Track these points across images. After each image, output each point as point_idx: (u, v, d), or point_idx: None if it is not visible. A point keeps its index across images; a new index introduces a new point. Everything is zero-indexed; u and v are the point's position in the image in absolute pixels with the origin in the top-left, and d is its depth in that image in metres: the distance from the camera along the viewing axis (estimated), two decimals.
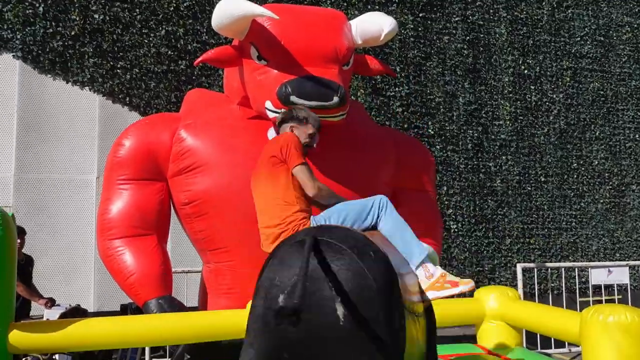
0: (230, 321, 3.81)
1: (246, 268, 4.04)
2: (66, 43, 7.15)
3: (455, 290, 2.68)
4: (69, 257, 7.06)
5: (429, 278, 2.75)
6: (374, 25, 3.86)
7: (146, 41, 7.39)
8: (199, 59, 3.90)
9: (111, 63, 7.26)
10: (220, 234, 4.04)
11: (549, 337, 5.75)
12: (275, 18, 3.55)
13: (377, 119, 8.26)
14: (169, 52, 7.45)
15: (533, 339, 6.34)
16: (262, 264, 4.38)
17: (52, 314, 5.40)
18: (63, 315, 5.36)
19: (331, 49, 3.85)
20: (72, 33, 7.16)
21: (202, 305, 4.40)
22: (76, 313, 5.60)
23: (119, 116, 7.28)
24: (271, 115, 3.80)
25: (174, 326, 3.66)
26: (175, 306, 3.97)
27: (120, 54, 7.30)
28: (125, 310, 6.58)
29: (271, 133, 4.17)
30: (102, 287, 7.08)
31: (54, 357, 6.01)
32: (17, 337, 3.31)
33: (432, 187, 4.82)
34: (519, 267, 6.52)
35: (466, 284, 2.72)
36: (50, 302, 5.60)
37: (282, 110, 3.70)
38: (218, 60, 3.95)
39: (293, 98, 3.59)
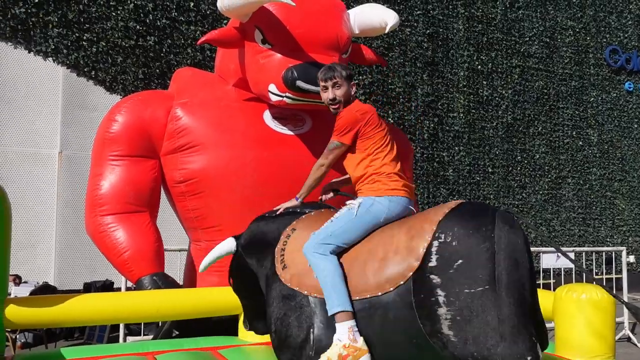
0: (226, 298, 3.92)
1: None
2: (29, 10, 6.83)
3: None
4: (30, 234, 6.83)
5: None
6: (376, 17, 4.02)
7: (114, 14, 7.19)
8: (203, 38, 3.91)
9: (77, 34, 7.01)
10: (215, 212, 4.11)
11: None
12: (292, 4, 3.61)
13: None
14: (137, 26, 7.28)
15: None
16: None
17: (21, 291, 5.27)
18: (33, 293, 5.24)
19: (333, 37, 3.98)
20: (36, 0, 6.85)
21: (189, 283, 4.45)
22: (46, 290, 5.49)
23: (84, 90, 7.07)
24: (274, 98, 3.89)
25: (171, 302, 3.73)
26: (169, 283, 4.01)
27: (87, 25, 7.06)
28: (89, 288, 6.49)
29: (267, 115, 4.27)
30: (63, 264, 6.91)
31: (14, 336, 5.87)
32: (14, 312, 3.28)
33: (411, 173, 5.08)
34: None
35: None
36: (18, 279, 5.45)
37: (287, 94, 3.80)
38: (221, 41, 3.98)
39: (299, 83, 3.70)
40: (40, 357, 3.37)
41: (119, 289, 6.13)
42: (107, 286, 6.57)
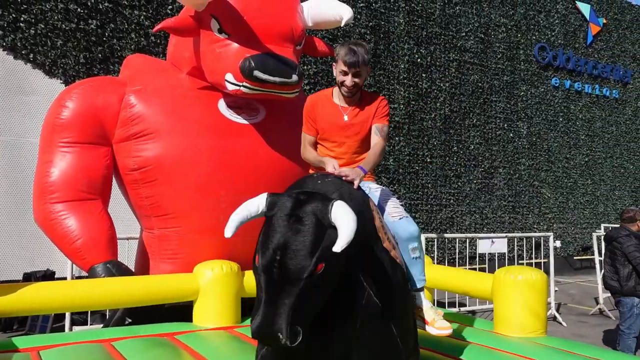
0: (180, 285, 3.97)
1: (193, 234, 4.19)
2: None
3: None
4: None
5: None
6: (331, 10, 4.13)
7: None
8: (158, 26, 3.89)
9: (14, 15, 6.70)
10: (170, 200, 4.12)
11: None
12: None
13: None
14: (79, 9, 7.04)
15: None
16: (211, 231, 4.49)
17: None
18: None
19: (288, 29, 4.07)
20: None
21: (141, 271, 4.45)
22: None
23: (22, 74, 6.78)
24: (231, 87, 3.94)
25: (127, 289, 3.75)
26: (123, 270, 4.00)
27: (24, 6, 6.76)
28: (29, 278, 6.29)
29: (221, 104, 4.31)
30: (1, 254, 6.64)
31: None
32: None
33: None
34: (423, 237, 7.29)
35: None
36: None
37: (244, 83, 3.87)
38: (177, 29, 3.97)
39: (256, 72, 3.77)
40: None
41: (61, 279, 5.98)
42: (48, 276, 6.39)
